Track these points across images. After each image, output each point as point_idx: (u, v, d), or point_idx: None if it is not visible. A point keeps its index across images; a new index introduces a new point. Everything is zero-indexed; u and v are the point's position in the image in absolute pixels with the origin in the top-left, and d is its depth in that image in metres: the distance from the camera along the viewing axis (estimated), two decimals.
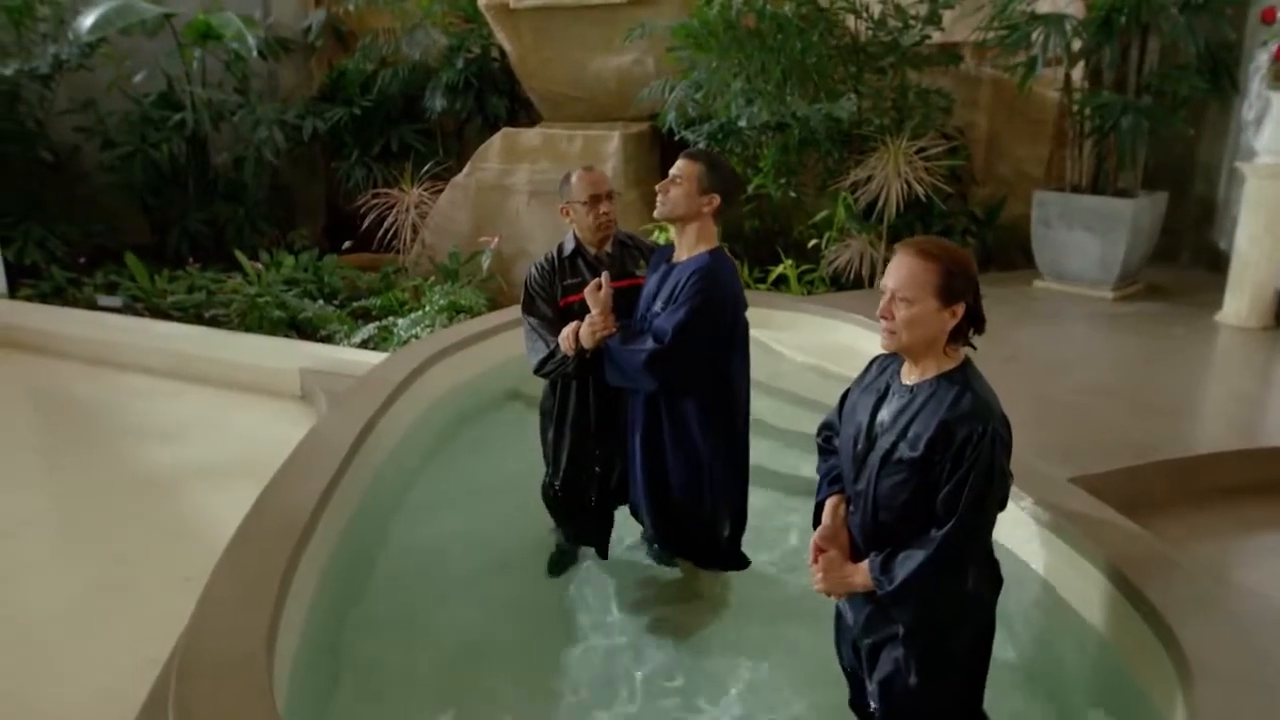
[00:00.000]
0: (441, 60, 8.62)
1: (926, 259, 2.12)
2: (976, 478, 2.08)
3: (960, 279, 2.12)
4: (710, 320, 2.89)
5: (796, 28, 6.35)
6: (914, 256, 2.14)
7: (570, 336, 3.05)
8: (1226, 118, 6.57)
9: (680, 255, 3.04)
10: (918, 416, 2.18)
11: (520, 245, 7.61)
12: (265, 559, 2.87)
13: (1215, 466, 3.58)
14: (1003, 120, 7.29)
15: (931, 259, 2.12)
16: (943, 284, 2.11)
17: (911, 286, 2.12)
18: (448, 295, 6.35)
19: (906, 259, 2.15)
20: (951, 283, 2.11)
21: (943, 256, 2.12)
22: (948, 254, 2.14)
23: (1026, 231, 7.25)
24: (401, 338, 5.86)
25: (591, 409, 3.31)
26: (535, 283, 3.29)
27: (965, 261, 2.15)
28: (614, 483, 3.38)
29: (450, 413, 4.66)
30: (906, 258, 2.15)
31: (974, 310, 2.17)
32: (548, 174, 7.51)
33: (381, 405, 4.04)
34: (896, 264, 2.16)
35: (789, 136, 6.65)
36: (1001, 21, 5.88)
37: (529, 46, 7.95)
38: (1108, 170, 6.03)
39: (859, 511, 2.33)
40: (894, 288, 2.15)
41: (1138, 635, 2.59)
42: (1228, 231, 6.65)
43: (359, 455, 3.66)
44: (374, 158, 8.89)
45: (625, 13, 7.40)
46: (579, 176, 3.27)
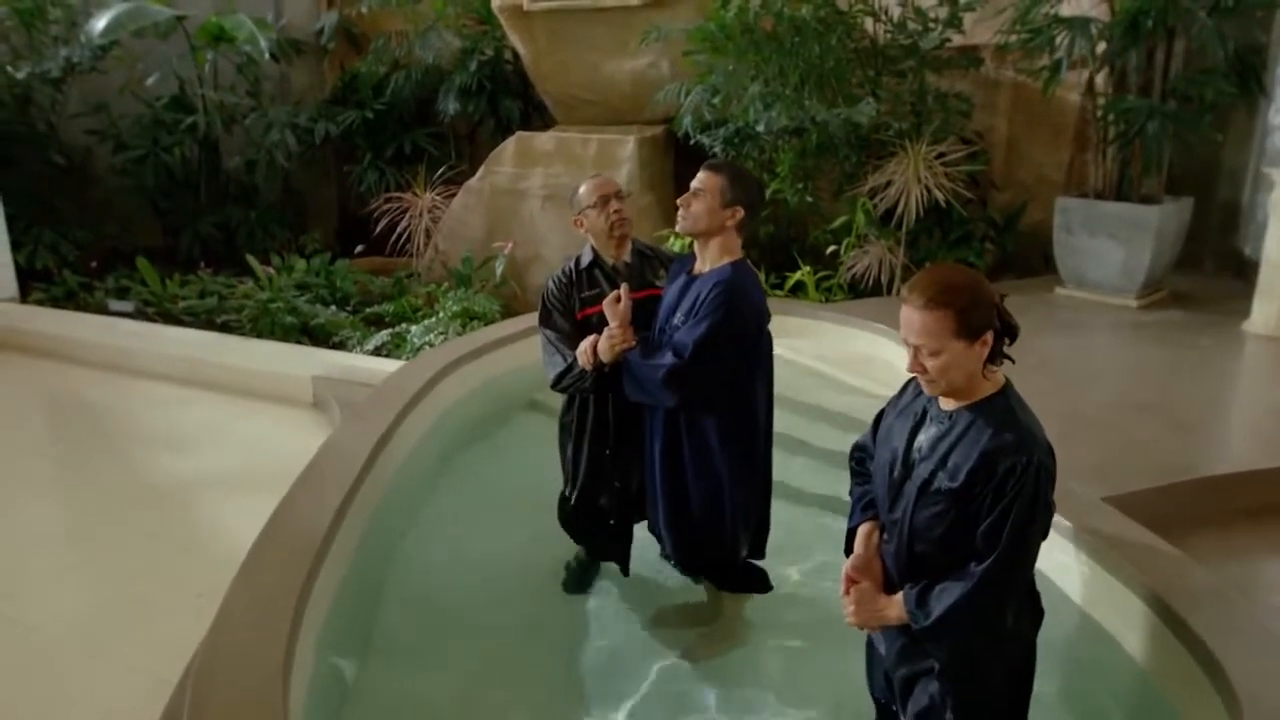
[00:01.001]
0: (455, 63, 8.56)
1: (936, 309, 1.99)
2: (1019, 511, 1.99)
3: (977, 312, 2.01)
4: (732, 335, 2.81)
5: (815, 31, 6.26)
6: (923, 310, 2.01)
7: (588, 350, 2.98)
8: (1252, 122, 6.46)
9: (702, 266, 2.96)
10: (958, 445, 2.09)
11: (534, 250, 7.54)
12: (281, 580, 2.81)
13: (1248, 485, 3.49)
14: (1023, 124, 7.19)
15: (941, 307, 1.99)
16: (961, 326, 2.00)
17: (932, 338, 2.01)
18: (461, 301, 6.28)
19: (917, 314, 2.02)
20: (970, 320, 2.00)
21: (951, 300, 1.99)
22: (955, 293, 2.00)
23: (1047, 237, 7.15)
24: (414, 345, 5.80)
25: (611, 424, 3.23)
26: (552, 295, 3.22)
27: (975, 290, 2.02)
28: (633, 498, 3.30)
29: (465, 424, 4.60)
30: (916, 313, 2.02)
31: (1002, 329, 2.08)
32: (562, 178, 7.44)
33: (396, 417, 3.98)
34: (908, 319, 2.03)
35: (807, 141, 6.57)
36: (1025, 25, 5.78)
37: (543, 49, 7.88)
38: (1131, 176, 5.92)
39: (894, 540, 2.24)
40: (915, 343, 2.05)
41: (1181, 665, 2.50)
42: (1253, 237, 6.54)
43: (374, 469, 3.60)
44: (386, 161, 8.84)
45: (640, 15, 7.33)
46: (586, 184, 3.21)
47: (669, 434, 3.02)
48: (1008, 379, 2.14)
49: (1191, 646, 2.46)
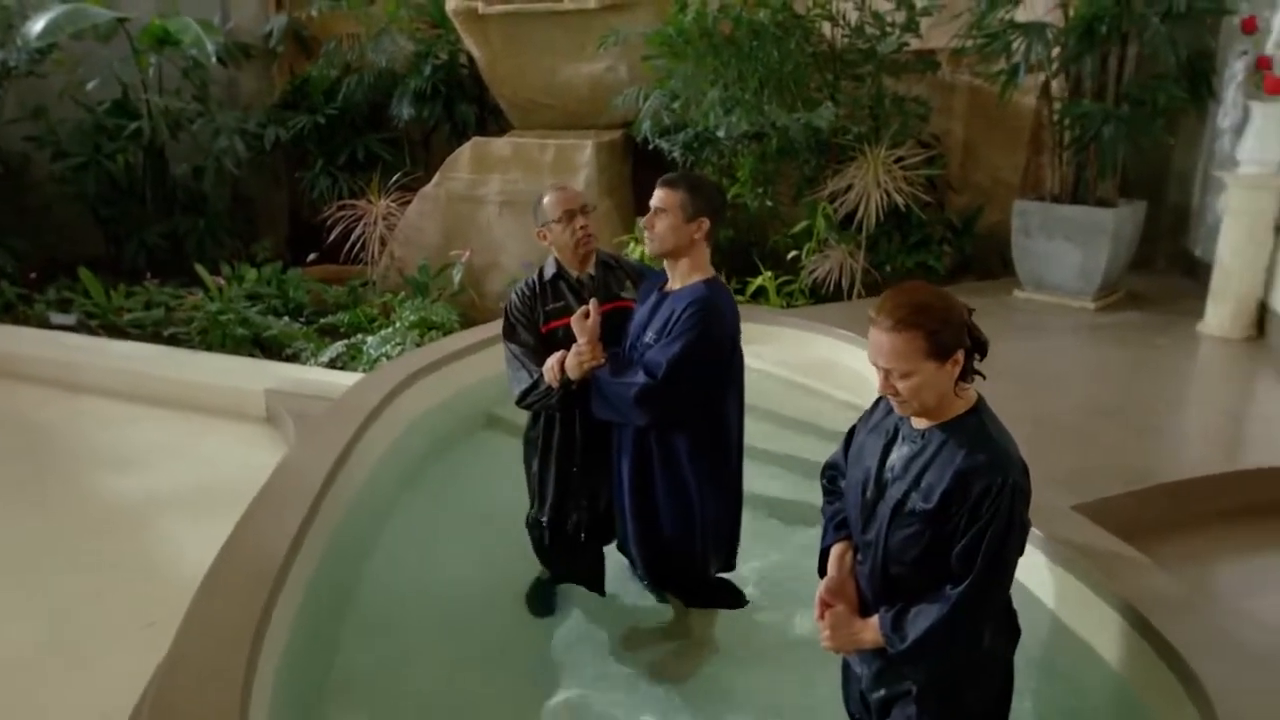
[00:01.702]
0: (408, 67, 8.42)
1: (906, 330, 1.94)
2: (995, 533, 1.96)
3: (947, 331, 1.96)
4: (706, 355, 2.76)
5: (773, 35, 6.25)
6: (892, 332, 1.95)
7: (555, 367, 2.90)
8: (1200, 126, 6.57)
9: (674, 284, 2.89)
10: (931, 465, 2.05)
11: (492, 257, 7.43)
12: (238, 608, 2.70)
13: (1212, 489, 3.51)
14: (979, 128, 7.24)
15: (910, 328, 1.94)
16: (932, 347, 1.95)
17: (903, 360, 1.96)
18: (418, 311, 6.16)
19: (886, 336, 1.97)
20: (941, 340, 1.96)
21: (921, 321, 1.94)
22: (924, 314, 1.96)
23: (1004, 239, 7.22)
24: (371, 356, 5.67)
25: (578, 441, 3.15)
26: (516, 309, 3.14)
27: (945, 310, 1.97)
28: (602, 516, 3.23)
29: (426, 439, 4.48)
30: (885, 335, 1.97)
31: (972, 346, 2.04)
32: (519, 184, 7.35)
33: (355, 434, 3.86)
34: (878, 342, 1.98)
35: (766, 146, 6.55)
36: (981, 30, 5.81)
37: (498, 53, 7.77)
38: (1087, 179, 5.98)
39: (868, 562, 2.19)
40: (886, 366, 2.00)
41: (1157, 676, 2.49)
42: (1203, 239, 6.65)
43: (333, 489, 3.48)
44: (339, 167, 8.66)
45: (598, 19, 7.26)
46: (551, 195, 3.13)
47: (638, 451, 2.95)
48: (980, 396, 2.11)
49: (1168, 658, 2.45)
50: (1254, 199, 5.17)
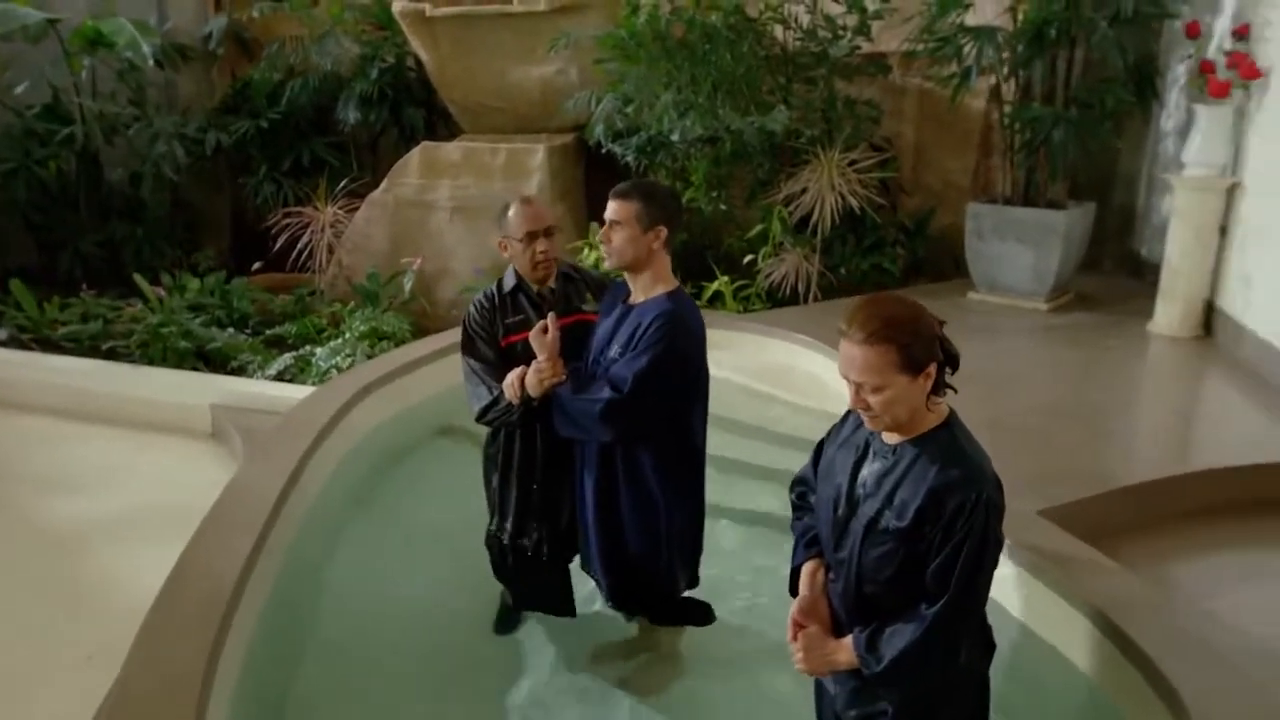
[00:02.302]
0: (354, 70, 8.23)
1: (878, 344, 1.91)
2: (970, 550, 1.93)
3: (919, 345, 1.93)
4: (673, 369, 2.69)
5: (726, 38, 6.22)
6: (863, 345, 1.92)
7: (515, 383, 2.82)
8: (1144, 128, 6.68)
9: (637, 296, 2.83)
10: (903, 481, 2.02)
11: (443, 264, 7.29)
12: (187, 639, 2.58)
13: (1173, 491, 3.54)
14: (930, 131, 7.29)
15: (882, 342, 1.91)
16: (904, 360, 1.92)
17: (875, 374, 1.92)
18: (369, 321, 6.01)
19: (858, 350, 1.93)
20: (913, 354, 1.92)
21: (893, 335, 1.91)
22: (896, 327, 1.92)
23: (956, 241, 7.28)
24: (320, 368, 5.51)
25: (539, 456, 3.07)
26: (475, 322, 3.05)
27: (916, 323, 1.94)
28: (564, 534, 3.15)
29: (380, 454, 4.36)
30: (857, 348, 1.93)
31: (944, 360, 2.00)
32: (470, 189, 7.23)
33: (306, 451, 3.73)
34: (849, 355, 1.94)
35: (720, 150, 6.52)
36: (933, 34, 5.84)
37: (447, 55, 7.64)
38: (1038, 182, 6.05)
39: (841, 581, 2.15)
40: (857, 380, 1.96)
41: (1130, 683, 2.49)
42: (1148, 239, 6.78)
43: (285, 510, 3.35)
44: (284, 173, 8.44)
45: (548, 21, 7.17)
46: (516, 210, 3.02)
47: (603, 467, 2.88)
48: (951, 409, 2.08)
49: (1140, 663, 2.45)
50: (1200, 201, 5.26)
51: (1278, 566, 3.32)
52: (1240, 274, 5.12)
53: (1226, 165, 5.24)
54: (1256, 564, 3.32)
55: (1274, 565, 3.32)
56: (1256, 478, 3.63)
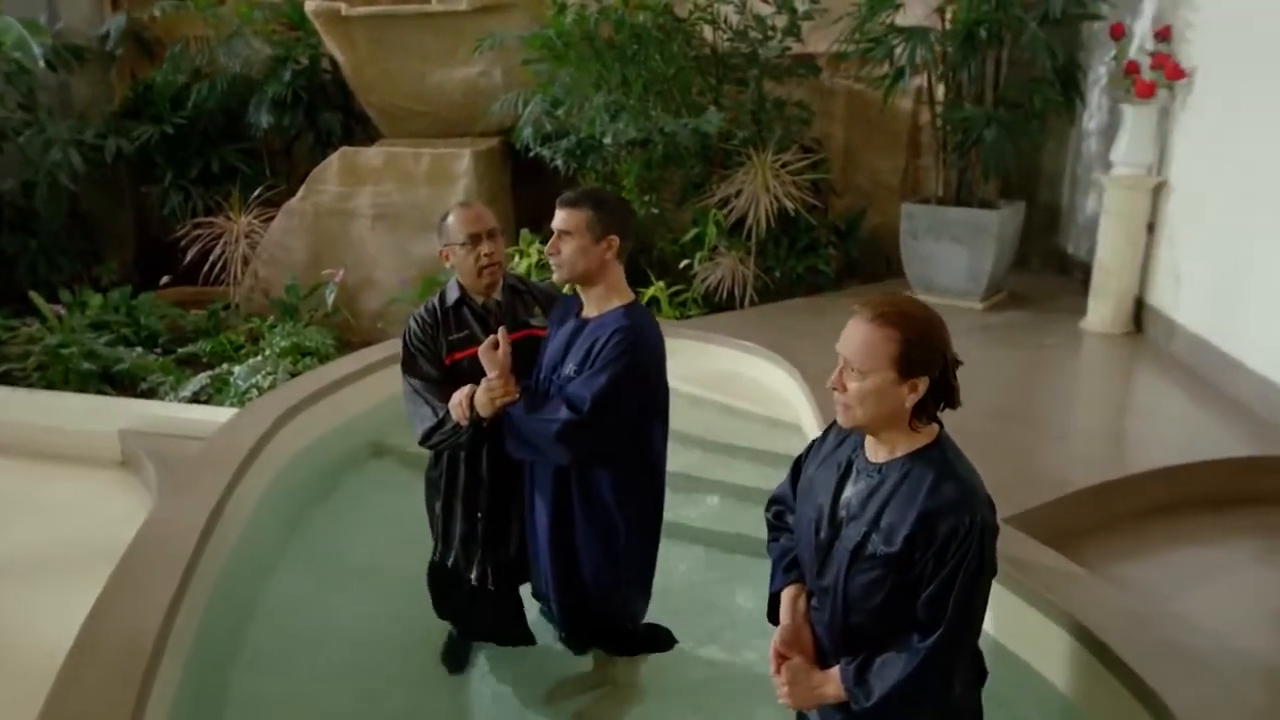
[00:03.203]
0: (265, 72, 7.84)
1: (883, 325, 1.84)
2: (965, 578, 1.82)
3: (922, 349, 1.85)
4: (633, 386, 2.54)
5: (656, 39, 6.10)
6: (869, 323, 1.85)
7: (463, 403, 2.63)
8: (1067, 128, 6.79)
9: (591, 310, 2.67)
10: (890, 503, 1.91)
11: (366, 274, 6.99)
12: (107, 696, 2.33)
13: (1128, 490, 3.54)
14: (858, 132, 7.29)
15: (889, 325, 1.84)
16: (901, 354, 1.83)
17: (865, 356, 1.85)
18: (290, 336, 5.69)
19: (861, 325, 1.87)
20: (911, 353, 1.84)
21: (902, 323, 1.84)
22: (908, 320, 1.85)
23: (888, 242, 7.29)
24: (240, 388, 5.19)
25: (485, 479, 2.90)
26: (415, 338, 2.86)
27: (929, 328, 1.87)
28: (513, 561, 2.97)
29: (310, 481, 4.11)
30: (861, 324, 1.87)
31: (940, 384, 1.90)
32: (393, 196, 6.95)
33: (230, 480, 3.46)
34: (850, 329, 1.89)
35: (652, 152, 6.39)
36: (864, 34, 5.81)
37: (365, 57, 7.34)
38: (970, 181, 6.07)
39: (826, 610, 2.03)
40: (846, 356, 1.88)
41: (1113, 699, 2.43)
42: (1074, 237, 6.90)
43: (208, 548, 3.09)
44: (191, 181, 8.00)
45: (470, 21, 6.95)
46: (456, 214, 2.87)
47: (557, 490, 2.71)
48: (942, 427, 1.97)
49: (1125, 679, 2.39)
50: (1129, 199, 5.33)
51: (1232, 563, 3.33)
52: (1170, 271, 5.21)
53: (1153, 164, 5.32)
54: (1212, 561, 3.33)
55: (1228, 561, 3.33)
56: (1205, 474, 3.65)
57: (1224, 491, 3.61)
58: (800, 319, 5.90)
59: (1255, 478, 3.66)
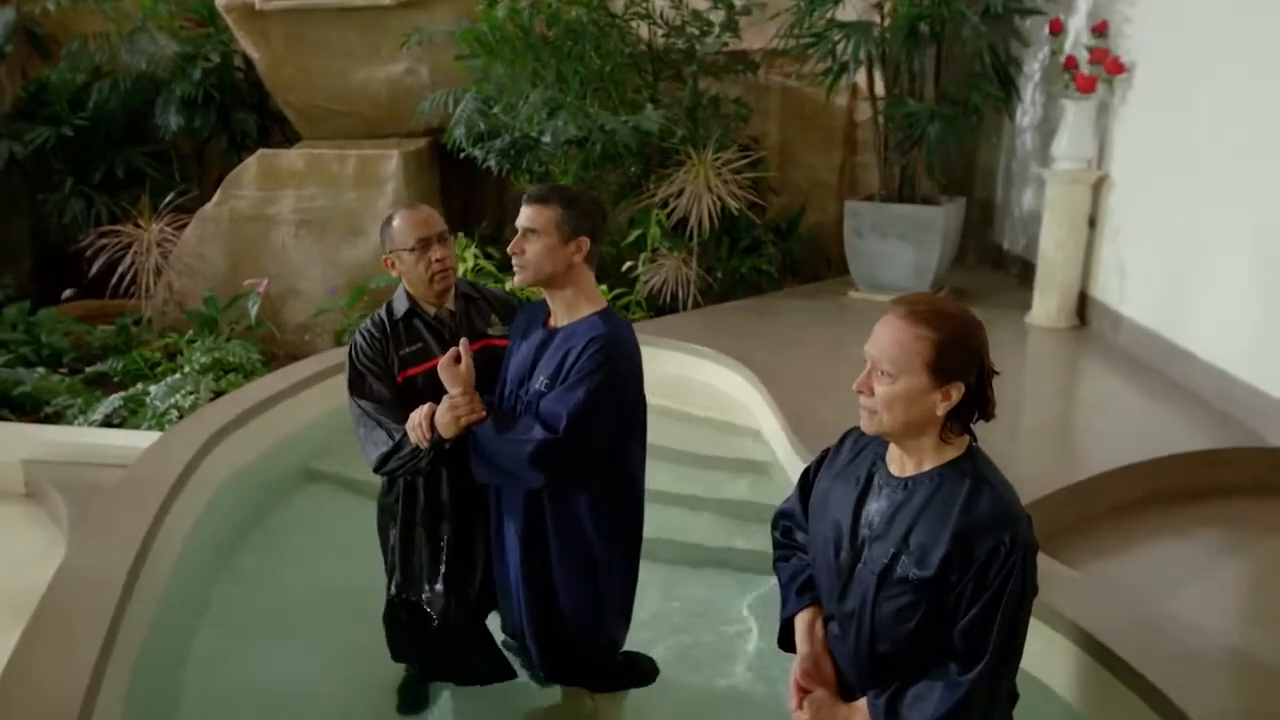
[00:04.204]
0: (173, 70, 7.39)
1: (916, 324, 1.70)
2: (1008, 604, 1.68)
3: (959, 352, 1.71)
4: (612, 401, 2.34)
5: (591, 35, 5.90)
6: (902, 320, 1.72)
7: (423, 424, 2.39)
8: (1001, 123, 6.82)
9: (559, 319, 2.46)
10: (919, 521, 1.76)
11: (289, 283, 6.61)
12: None
13: (1104, 487, 3.49)
14: (794, 129, 7.22)
15: (923, 324, 1.70)
16: (935, 357, 1.69)
17: (895, 358, 1.71)
18: (210, 352, 5.31)
19: (893, 323, 1.73)
20: (947, 356, 1.70)
21: (937, 322, 1.71)
22: (944, 319, 1.72)
23: (827, 241, 7.25)
24: (158, 410, 4.79)
25: (446, 505, 2.66)
26: (364, 355, 2.60)
27: (967, 330, 1.73)
28: (478, 593, 2.74)
29: (241, 511, 3.80)
30: (893, 321, 1.73)
31: (976, 392, 1.76)
32: (318, 200, 6.60)
33: (155, 517, 3.13)
34: (880, 328, 1.75)
35: (590, 151, 6.19)
36: (806, 29, 5.71)
37: (281, 55, 6.96)
38: (912, 178, 6.03)
39: (850, 637, 1.86)
40: (875, 356, 1.74)
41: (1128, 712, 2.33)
42: (1009, 232, 6.94)
43: (134, 598, 2.77)
44: (94, 187, 7.49)
45: (394, 17, 6.65)
46: (402, 217, 2.63)
47: (529, 516, 2.49)
48: (974, 439, 1.83)
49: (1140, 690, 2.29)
50: (1071, 193, 5.34)
51: (1213, 558, 3.30)
52: (1114, 264, 5.23)
53: (1093, 159, 5.34)
54: (1193, 557, 3.29)
55: (1209, 557, 3.30)
56: (1175, 468, 3.63)
57: (1194, 484, 3.58)
58: (747, 320, 5.78)
59: (1223, 470, 3.66)
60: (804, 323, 5.71)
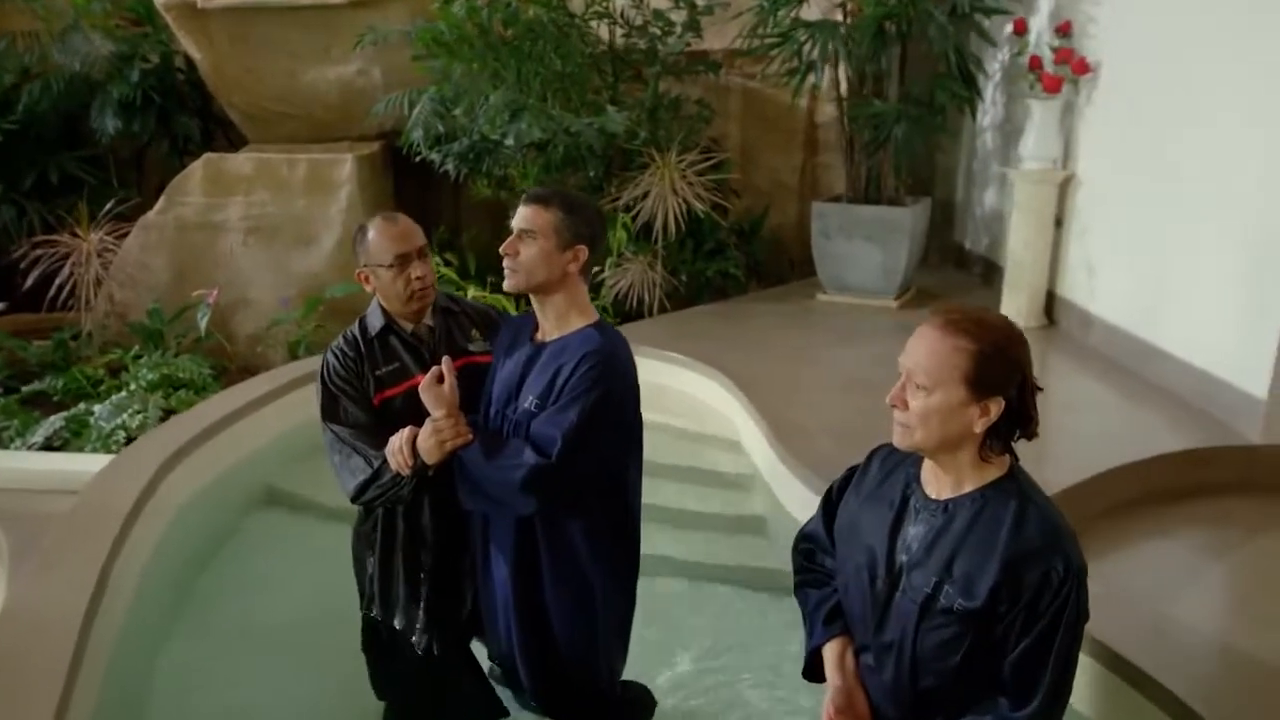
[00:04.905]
0: (109, 71, 7.06)
1: (953, 334, 1.62)
2: (1064, 634, 1.59)
3: (999, 364, 1.62)
4: (610, 422, 2.21)
5: (552, 35, 5.75)
6: (938, 330, 1.63)
7: (404, 449, 2.23)
8: (961, 123, 6.82)
9: (549, 333, 2.32)
10: (963, 548, 1.66)
11: (239, 293, 6.34)
12: None
13: (1097, 489, 3.44)
14: (754, 130, 7.15)
15: (960, 334, 1.61)
16: (973, 370, 1.60)
17: (931, 370, 1.62)
18: (158, 367, 5.05)
19: (929, 333, 1.64)
20: (986, 369, 1.61)
21: (976, 332, 1.62)
22: (984, 329, 1.63)
23: (789, 243, 7.20)
24: (104, 430, 4.53)
25: (428, 533, 2.50)
26: (337, 376, 2.43)
27: (1008, 341, 1.64)
28: (465, 624, 2.60)
29: (201, 538, 3.59)
30: (929, 331, 1.64)
31: (1018, 408, 1.66)
32: (268, 207, 6.35)
33: (110, 550, 2.92)
34: (915, 338, 1.66)
35: (552, 154, 6.03)
36: (772, 29, 5.63)
37: (225, 55, 6.69)
38: (878, 179, 5.98)
39: (888, 670, 1.76)
40: (910, 368, 1.65)
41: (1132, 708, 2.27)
42: (972, 232, 6.94)
43: (92, 639, 2.56)
44: (26, 194, 7.12)
45: (344, 16, 6.42)
46: (379, 230, 2.46)
47: (520, 543, 2.34)
48: (1015, 456, 1.74)
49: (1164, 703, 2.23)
50: (1038, 193, 5.33)
51: (1208, 559, 3.27)
52: (1083, 263, 5.23)
53: (1059, 158, 5.34)
54: (1187, 559, 3.27)
55: (1204, 558, 3.28)
56: (1162, 468, 3.61)
57: (1182, 484, 3.56)
58: (716, 325, 5.67)
59: (1206, 469, 3.64)
60: (773, 326, 5.62)
